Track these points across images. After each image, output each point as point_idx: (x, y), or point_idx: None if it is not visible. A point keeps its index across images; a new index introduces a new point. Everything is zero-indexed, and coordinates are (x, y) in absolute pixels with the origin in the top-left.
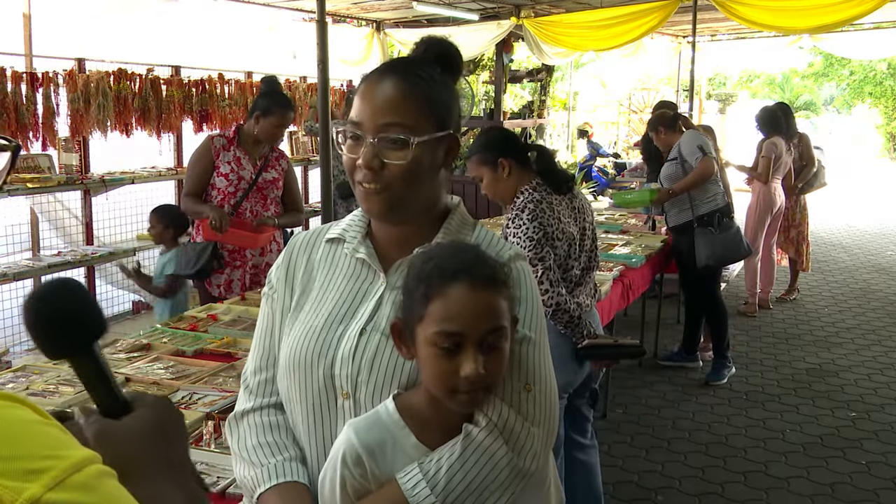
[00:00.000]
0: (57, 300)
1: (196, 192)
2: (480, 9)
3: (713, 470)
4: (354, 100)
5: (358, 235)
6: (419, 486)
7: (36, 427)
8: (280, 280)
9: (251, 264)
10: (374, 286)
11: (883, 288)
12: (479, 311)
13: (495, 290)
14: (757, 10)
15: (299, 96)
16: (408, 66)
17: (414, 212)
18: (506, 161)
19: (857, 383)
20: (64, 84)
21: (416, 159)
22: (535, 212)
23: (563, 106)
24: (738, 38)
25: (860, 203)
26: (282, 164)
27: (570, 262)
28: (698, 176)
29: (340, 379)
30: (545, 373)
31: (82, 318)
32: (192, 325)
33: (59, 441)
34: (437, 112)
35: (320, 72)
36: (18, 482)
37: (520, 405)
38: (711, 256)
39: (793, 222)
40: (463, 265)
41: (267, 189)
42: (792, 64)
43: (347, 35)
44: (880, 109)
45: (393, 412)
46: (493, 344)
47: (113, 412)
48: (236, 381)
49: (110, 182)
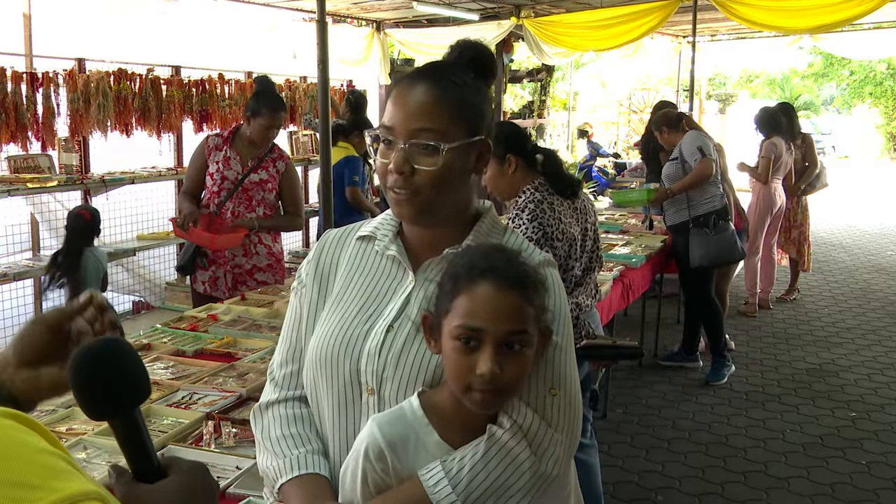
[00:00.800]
0: (108, 362)
1: (191, 191)
2: (480, 9)
3: (713, 470)
4: (388, 104)
5: (389, 234)
6: (441, 484)
7: (36, 453)
8: (309, 275)
9: (232, 265)
10: (403, 284)
11: (883, 288)
12: (502, 311)
13: (522, 293)
14: (757, 10)
15: (299, 96)
16: (441, 71)
17: (445, 216)
18: (513, 157)
19: (858, 383)
20: (64, 84)
21: (447, 165)
22: (535, 212)
23: (563, 106)
24: (738, 38)
25: (860, 203)
26: (278, 165)
27: (570, 263)
28: (696, 177)
29: (366, 374)
30: (570, 378)
31: (130, 383)
32: (192, 325)
33: (57, 471)
34: (469, 117)
35: (320, 72)
36: None
37: (544, 410)
38: (705, 257)
39: (794, 222)
40: (493, 264)
41: (253, 190)
42: (792, 64)
43: (347, 35)
44: (880, 109)
45: (417, 409)
46: (513, 347)
47: (146, 476)
48: (236, 381)
49: (110, 182)
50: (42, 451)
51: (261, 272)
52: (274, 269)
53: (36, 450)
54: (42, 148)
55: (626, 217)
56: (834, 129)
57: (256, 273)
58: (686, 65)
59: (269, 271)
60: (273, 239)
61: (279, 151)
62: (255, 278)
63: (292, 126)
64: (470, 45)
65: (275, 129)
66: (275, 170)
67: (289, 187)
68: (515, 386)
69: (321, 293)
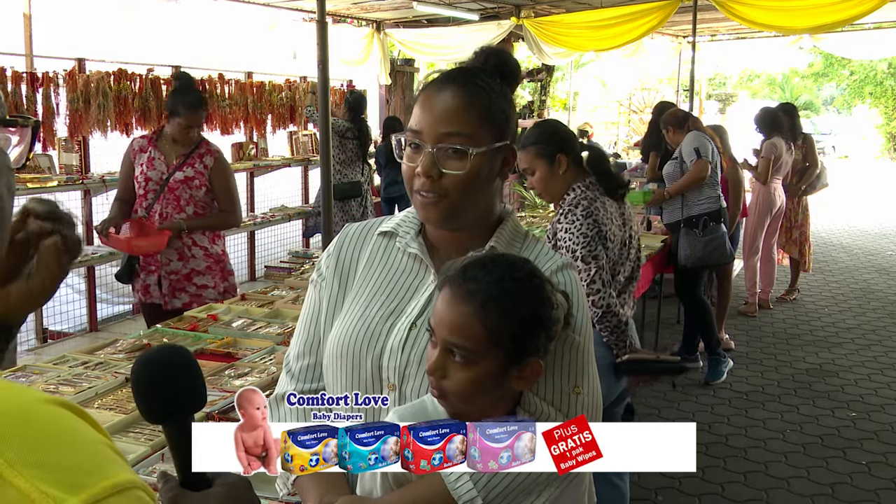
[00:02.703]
0: (171, 368)
1: (123, 197)
2: (480, 9)
3: (713, 470)
4: (415, 108)
5: (411, 231)
6: (462, 480)
7: (89, 442)
8: (330, 269)
9: (167, 270)
10: (426, 282)
11: (883, 288)
12: (445, 318)
13: (470, 307)
14: (757, 10)
15: (299, 96)
16: (468, 76)
17: (469, 220)
18: (564, 157)
19: (858, 383)
20: (64, 84)
21: (475, 170)
22: (588, 209)
23: (563, 106)
24: (738, 38)
25: (860, 203)
26: (206, 161)
27: (617, 268)
28: (690, 178)
29: (388, 370)
30: (592, 377)
31: (190, 389)
32: (192, 325)
33: (107, 459)
34: (497, 122)
35: (320, 72)
36: (61, 492)
37: (568, 408)
38: (689, 258)
39: (795, 223)
40: (458, 273)
41: (179, 190)
42: (792, 64)
43: (347, 35)
44: (880, 109)
45: (438, 404)
46: (457, 358)
47: (192, 484)
48: (236, 381)
49: (110, 182)
50: (93, 440)
51: (200, 276)
52: (214, 271)
53: (88, 438)
54: (42, 148)
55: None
56: (834, 129)
57: (195, 277)
58: (686, 65)
59: (210, 274)
60: (211, 240)
61: (207, 146)
62: (194, 283)
63: (292, 126)
64: (494, 51)
65: (195, 129)
66: (202, 165)
67: (219, 182)
68: (460, 395)
69: (341, 287)
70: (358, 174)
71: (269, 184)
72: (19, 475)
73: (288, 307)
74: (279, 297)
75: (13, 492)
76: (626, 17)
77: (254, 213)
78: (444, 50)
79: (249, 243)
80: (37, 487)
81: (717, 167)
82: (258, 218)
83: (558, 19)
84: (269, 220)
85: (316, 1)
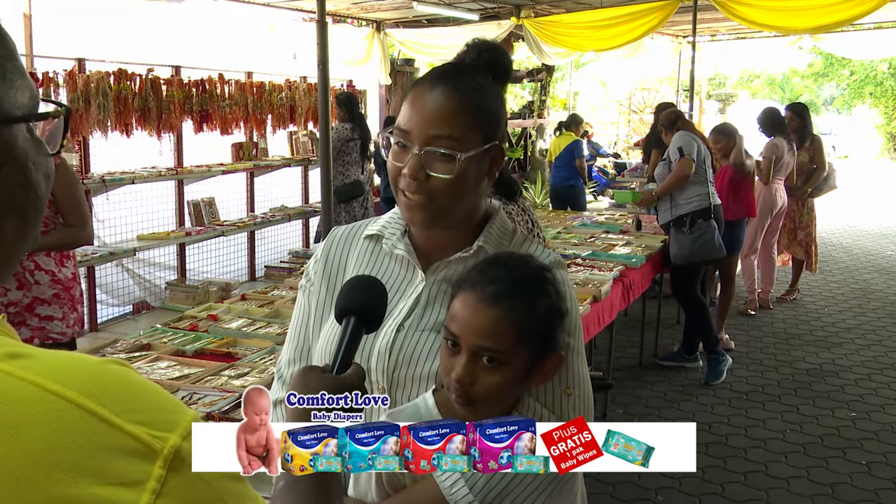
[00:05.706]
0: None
1: None
2: (480, 9)
3: (713, 470)
4: (404, 105)
5: (397, 233)
6: (458, 485)
7: (155, 388)
8: (318, 273)
9: (4, 301)
10: (413, 283)
11: (883, 288)
12: (474, 324)
13: (499, 309)
14: (757, 10)
15: (299, 96)
16: (459, 75)
17: (455, 221)
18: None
19: (858, 383)
20: (64, 84)
21: (463, 173)
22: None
23: (563, 106)
24: (738, 38)
25: (860, 203)
26: None
27: None
28: (673, 177)
29: (376, 373)
30: (583, 378)
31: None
32: (192, 326)
33: (174, 400)
34: (487, 124)
35: (320, 72)
36: (161, 432)
37: (561, 409)
38: (678, 256)
39: (800, 224)
40: (477, 276)
41: None
42: (792, 64)
43: (347, 35)
44: (880, 109)
45: (432, 406)
46: (485, 361)
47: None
48: (236, 381)
49: (110, 182)
50: (156, 387)
51: (45, 305)
52: (62, 299)
53: (154, 387)
54: None
55: (626, 217)
56: (834, 130)
57: (38, 307)
58: (686, 65)
59: (57, 304)
60: (58, 262)
61: None
62: (36, 314)
63: (292, 126)
64: (487, 46)
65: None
66: None
67: (61, 192)
68: (488, 400)
69: (329, 291)
70: (358, 173)
71: (269, 184)
72: (128, 422)
73: (288, 307)
74: (279, 297)
75: (127, 438)
76: (626, 17)
77: (254, 213)
78: (445, 50)
79: (249, 243)
80: (144, 431)
81: (705, 165)
82: (258, 218)
83: (558, 19)
84: (269, 220)
85: (316, 1)
